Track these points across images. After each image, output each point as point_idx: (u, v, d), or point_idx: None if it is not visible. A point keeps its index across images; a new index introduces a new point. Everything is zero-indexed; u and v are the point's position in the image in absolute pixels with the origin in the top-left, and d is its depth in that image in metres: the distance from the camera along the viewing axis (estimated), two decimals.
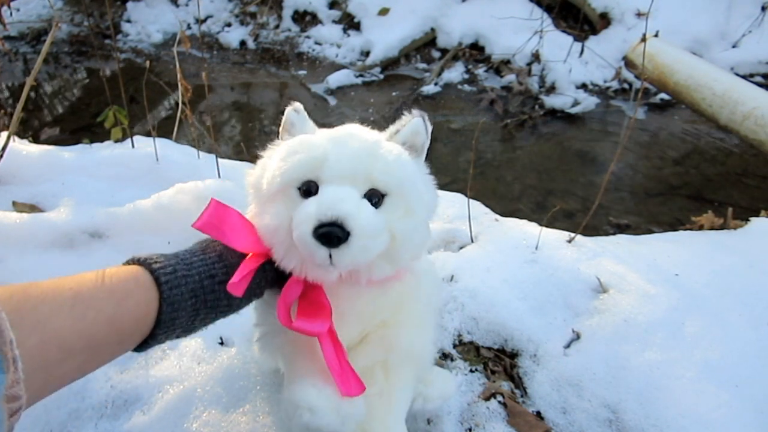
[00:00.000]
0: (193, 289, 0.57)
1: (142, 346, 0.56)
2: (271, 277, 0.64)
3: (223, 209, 0.63)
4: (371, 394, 0.64)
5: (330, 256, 0.56)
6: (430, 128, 0.69)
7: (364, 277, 0.63)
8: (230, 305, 0.61)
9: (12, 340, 0.40)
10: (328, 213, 0.56)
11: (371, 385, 0.64)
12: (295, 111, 0.68)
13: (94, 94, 3.41)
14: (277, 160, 0.63)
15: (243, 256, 0.61)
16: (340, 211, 0.56)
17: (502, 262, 1.19)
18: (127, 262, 0.58)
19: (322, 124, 0.71)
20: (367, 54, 3.76)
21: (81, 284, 0.50)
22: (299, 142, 0.64)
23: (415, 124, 0.67)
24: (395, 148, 0.64)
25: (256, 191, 0.66)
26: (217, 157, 1.60)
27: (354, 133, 0.65)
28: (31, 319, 0.44)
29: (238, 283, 0.58)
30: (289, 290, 0.63)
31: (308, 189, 0.61)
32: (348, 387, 0.60)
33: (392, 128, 0.68)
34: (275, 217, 0.61)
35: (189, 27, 4.25)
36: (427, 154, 0.71)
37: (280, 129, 0.70)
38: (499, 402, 0.90)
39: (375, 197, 0.61)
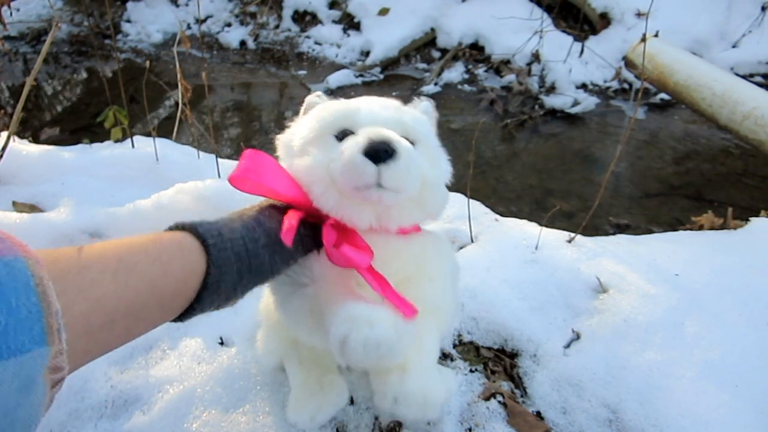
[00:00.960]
0: (238, 252, 0.56)
1: (185, 314, 0.55)
2: (306, 242, 0.65)
3: (259, 155, 0.64)
4: None
5: (378, 175, 0.59)
6: (436, 114, 0.77)
7: (395, 222, 0.66)
8: (272, 270, 0.60)
9: (58, 311, 0.40)
10: (377, 134, 0.60)
11: None
12: (317, 96, 0.74)
13: (94, 94, 3.41)
14: (312, 116, 0.69)
15: (279, 220, 0.62)
16: (387, 134, 0.61)
17: (502, 262, 1.19)
18: (170, 228, 0.57)
19: None
20: (367, 54, 3.75)
21: (124, 249, 0.49)
22: (332, 102, 0.71)
23: (425, 105, 0.76)
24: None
25: (287, 149, 0.70)
26: (217, 157, 1.60)
27: (377, 98, 0.72)
28: (76, 285, 0.43)
29: (287, 231, 0.59)
30: (326, 236, 0.63)
31: (345, 137, 0.64)
32: (402, 307, 0.59)
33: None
34: (314, 157, 0.65)
35: (189, 27, 4.25)
36: None
37: (300, 113, 0.74)
38: (499, 402, 0.90)
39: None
